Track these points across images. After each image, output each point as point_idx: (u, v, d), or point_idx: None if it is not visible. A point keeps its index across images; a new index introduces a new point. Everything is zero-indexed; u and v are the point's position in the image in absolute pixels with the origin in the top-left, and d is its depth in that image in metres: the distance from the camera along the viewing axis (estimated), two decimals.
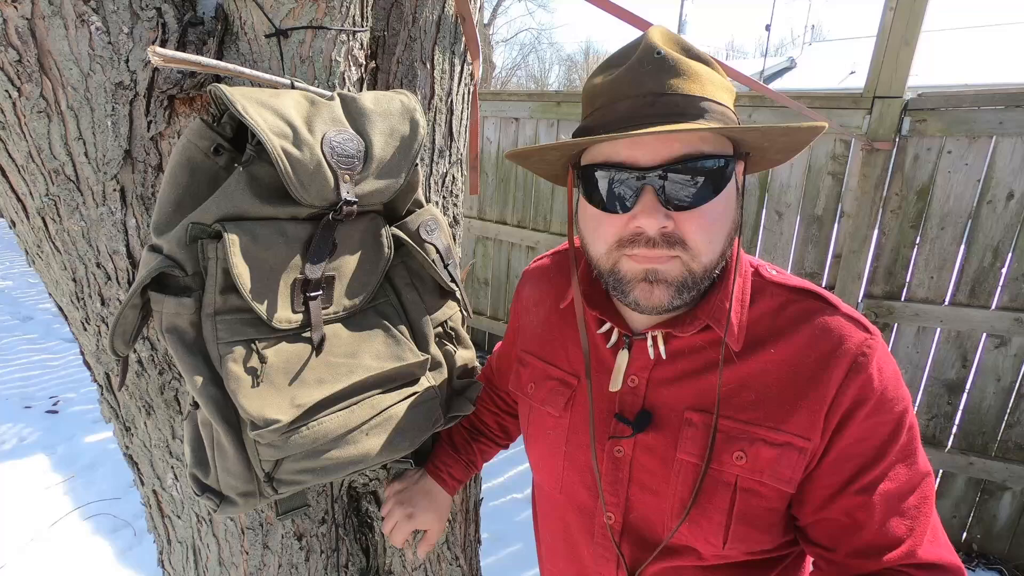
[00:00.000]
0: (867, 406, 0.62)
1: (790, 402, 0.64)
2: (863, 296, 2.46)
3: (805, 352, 0.65)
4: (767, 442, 0.64)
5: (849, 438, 0.63)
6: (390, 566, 1.11)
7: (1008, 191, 2.14)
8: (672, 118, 0.59)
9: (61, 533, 2.39)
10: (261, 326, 0.67)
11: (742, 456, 0.65)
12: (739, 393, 0.67)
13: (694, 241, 0.62)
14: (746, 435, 0.65)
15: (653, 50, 0.61)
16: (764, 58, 17.89)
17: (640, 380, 0.72)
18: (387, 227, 0.79)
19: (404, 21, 0.88)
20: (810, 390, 0.64)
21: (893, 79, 2.22)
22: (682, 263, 0.63)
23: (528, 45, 35.47)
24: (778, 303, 0.68)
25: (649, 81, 0.61)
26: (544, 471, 0.83)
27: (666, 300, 0.64)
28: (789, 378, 0.65)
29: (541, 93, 3.39)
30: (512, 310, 0.96)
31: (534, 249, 3.63)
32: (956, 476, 2.42)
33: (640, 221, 0.61)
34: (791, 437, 0.64)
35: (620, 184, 0.62)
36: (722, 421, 0.67)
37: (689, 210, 0.61)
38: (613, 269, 0.66)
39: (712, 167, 0.60)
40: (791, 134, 0.62)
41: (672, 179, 0.60)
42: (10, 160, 0.72)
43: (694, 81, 0.61)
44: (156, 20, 0.68)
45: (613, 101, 0.63)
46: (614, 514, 0.74)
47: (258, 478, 0.69)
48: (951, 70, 12.83)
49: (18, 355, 3.99)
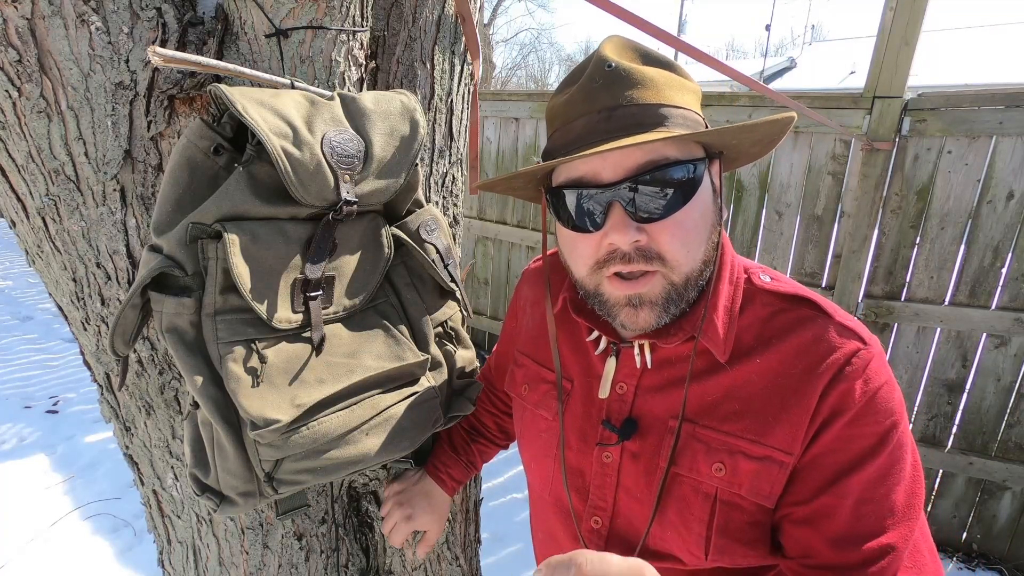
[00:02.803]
0: (846, 416, 0.59)
1: (773, 415, 0.62)
2: (863, 296, 2.46)
3: (792, 363, 0.62)
4: (747, 455, 0.63)
5: (822, 447, 0.60)
6: (390, 566, 1.11)
7: (1008, 191, 2.14)
8: (629, 130, 0.58)
9: (61, 533, 2.39)
10: (261, 326, 0.67)
11: (721, 468, 0.64)
12: (723, 403, 0.65)
13: (670, 252, 0.61)
14: (726, 447, 0.64)
15: (604, 63, 0.60)
16: (764, 58, 17.90)
17: (628, 387, 0.72)
18: (387, 227, 0.79)
19: (404, 21, 0.88)
20: (794, 402, 0.61)
21: (893, 79, 2.22)
22: (663, 278, 0.62)
23: (528, 45, 35.52)
24: (768, 312, 0.66)
25: (602, 96, 0.60)
26: (535, 473, 0.83)
27: (652, 320, 0.64)
28: (774, 389, 0.63)
29: (541, 93, 3.40)
30: (510, 309, 0.95)
31: (534, 249, 3.63)
32: (956, 476, 2.42)
33: (612, 238, 0.60)
34: (772, 451, 0.62)
35: (588, 201, 0.61)
36: (703, 431, 0.65)
37: (661, 220, 0.60)
38: (596, 292, 0.66)
39: (680, 174, 0.59)
40: (756, 129, 0.60)
41: (639, 191, 0.59)
42: (10, 160, 0.72)
43: (649, 88, 0.59)
44: (156, 20, 0.68)
45: (568, 121, 0.63)
46: (601, 518, 0.74)
47: (258, 478, 0.69)
48: (951, 70, 12.83)
49: (18, 355, 3.99)
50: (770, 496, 0.62)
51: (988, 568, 2.38)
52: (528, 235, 3.62)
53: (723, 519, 0.64)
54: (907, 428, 0.61)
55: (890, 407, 0.59)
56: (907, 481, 0.59)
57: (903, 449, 0.60)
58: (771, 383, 0.63)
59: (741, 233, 2.75)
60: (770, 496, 0.62)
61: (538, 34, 37.94)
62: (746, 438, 0.63)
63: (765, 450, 0.62)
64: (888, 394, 0.60)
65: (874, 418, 0.59)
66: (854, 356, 0.60)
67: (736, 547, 0.64)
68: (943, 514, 2.48)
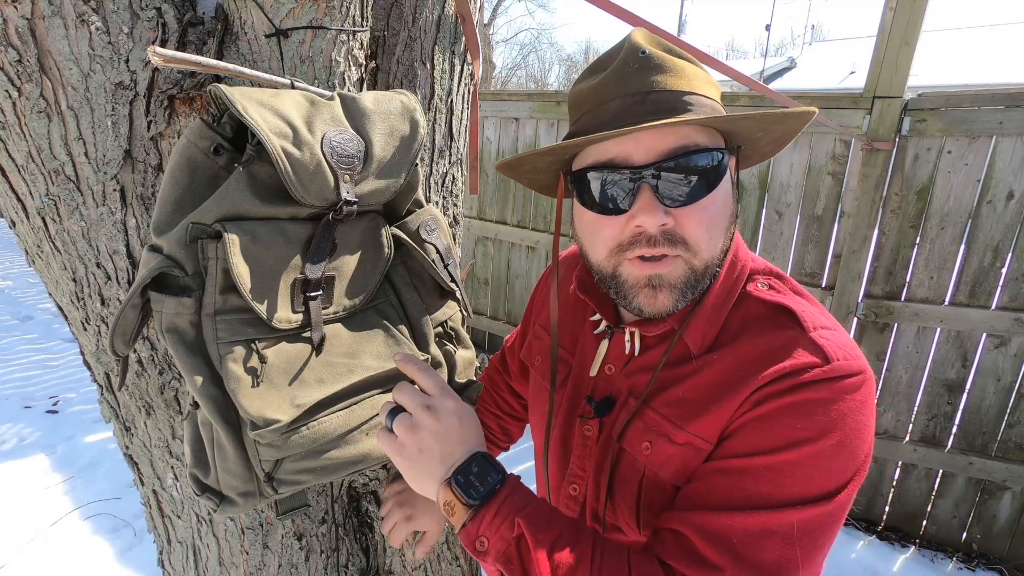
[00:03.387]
0: (767, 405, 0.58)
1: (706, 404, 0.63)
2: (863, 296, 2.46)
3: (748, 364, 0.62)
4: (669, 439, 0.65)
5: (727, 432, 0.61)
6: (390, 566, 1.11)
7: (1008, 191, 2.14)
8: (662, 114, 0.59)
9: (61, 533, 2.39)
10: (261, 326, 0.67)
11: (648, 447, 0.67)
12: (671, 388, 0.67)
13: (695, 238, 0.62)
14: (657, 428, 0.67)
15: (638, 50, 0.62)
16: (764, 58, 17.90)
17: (615, 369, 0.75)
18: (387, 227, 0.79)
19: (404, 21, 0.88)
20: (728, 396, 0.61)
21: (893, 79, 2.22)
22: (684, 262, 0.63)
23: (528, 45, 35.53)
24: (750, 318, 0.67)
25: (636, 80, 0.61)
26: (535, 439, 0.89)
27: (670, 304, 0.64)
28: (718, 383, 0.63)
29: (541, 93, 3.40)
30: (538, 284, 1.00)
31: (534, 249, 3.63)
32: (956, 476, 2.42)
33: (640, 220, 0.61)
34: (692, 438, 0.64)
35: (615, 185, 0.62)
36: (647, 411, 0.68)
37: (688, 206, 0.61)
38: (614, 274, 0.66)
39: (707, 161, 0.60)
40: (784, 120, 0.62)
41: (668, 176, 0.60)
42: (10, 160, 0.72)
43: (680, 77, 0.61)
44: (156, 20, 0.68)
45: (601, 103, 0.63)
46: (579, 486, 0.78)
47: (258, 478, 0.69)
48: (951, 70, 12.83)
49: (18, 355, 3.99)
50: (686, 480, 0.64)
51: (988, 568, 2.38)
52: (528, 235, 3.62)
53: (648, 496, 0.68)
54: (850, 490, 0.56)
55: (822, 424, 0.55)
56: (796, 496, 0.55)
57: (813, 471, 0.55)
58: (718, 377, 0.64)
59: (741, 233, 2.75)
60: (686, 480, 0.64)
61: (538, 34, 38.01)
62: (675, 423, 0.66)
63: (688, 436, 0.64)
64: (828, 414, 0.56)
65: (792, 421, 0.56)
66: (805, 370, 0.58)
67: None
68: (943, 514, 2.48)
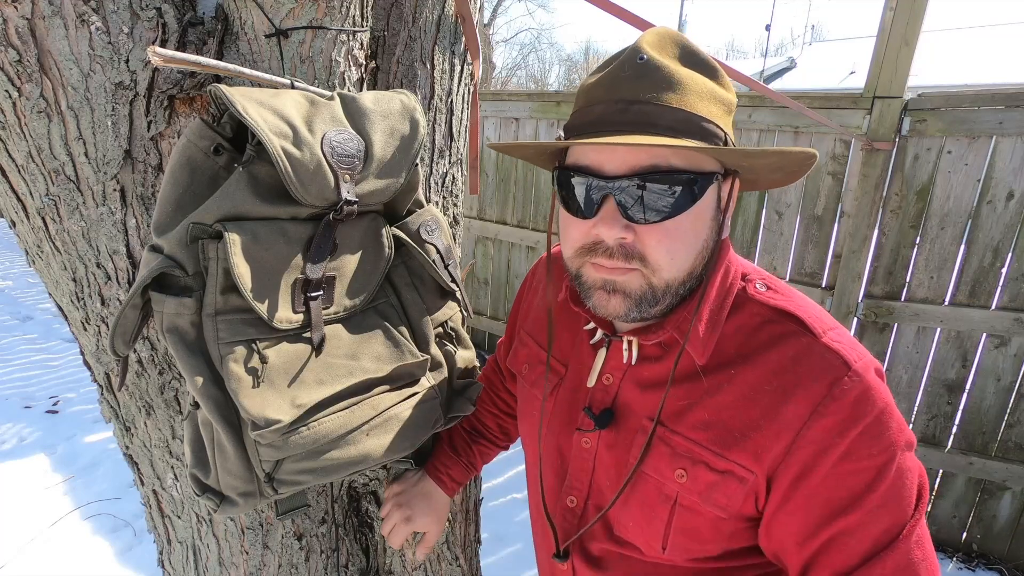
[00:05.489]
0: (834, 453, 0.57)
1: (740, 430, 0.61)
2: (863, 296, 2.46)
3: (768, 379, 0.61)
4: (709, 466, 0.63)
5: (815, 484, 0.58)
6: (390, 566, 1.11)
7: (1008, 191, 2.14)
8: (641, 128, 0.58)
9: (61, 533, 2.39)
10: (262, 326, 0.67)
11: (683, 475, 0.64)
12: (694, 411, 0.65)
13: (654, 257, 0.60)
14: (691, 455, 0.64)
15: (637, 54, 0.60)
16: (764, 58, 17.89)
17: (614, 379, 0.73)
18: (387, 227, 0.79)
19: (404, 21, 0.88)
20: (765, 422, 0.60)
21: (893, 79, 2.21)
22: (642, 276, 0.62)
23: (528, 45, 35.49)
24: (755, 322, 0.65)
25: (625, 87, 0.59)
26: (527, 449, 0.88)
27: (623, 310, 0.63)
28: (745, 404, 0.62)
29: (541, 93, 3.40)
30: (523, 284, 0.96)
31: (534, 249, 3.63)
32: (956, 476, 2.42)
33: (598, 230, 0.60)
34: (733, 465, 0.61)
35: (587, 190, 0.61)
36: (673, 437, 0.66)
37: (651, 224, 0.59)
38: (578, 273, 0.66)
39: (679, 184, 0.58)
40: (761, 156, 0.59)
41: (634, 192, 0.58)
42: (10, 160, 0.72)
43: (674, 91, 0.58)
44: (156, 20, 0.68)
45: (589, 104, 0.62)
46: (576, 498, 0.77)
47: (258, 478, 0.69)
48: (951, 70, 12.83)
49: (18, 355, 3.98)
50: (726, 508, 0.63)
51: (988, 568, 2.38)
52: (528, 235, 3.62)
53: (681, 521, 0.66)
54: (909, 456, 0.58)
55: (886, 438, 0.57)
56: (909, 507, 0.57)
57: (904, 476, 0.57)
58: (743, 397, 0.62)
59: (741, 233, 2.75)
60: (726, 508, 0.63)
61: (538, 34, 37.94)
62: (711, 449, 0.63)
63: (727, 464, 0.62)
64: (881, 423, 0.57)
65: (869, 451, 0.57)
66: (835, 387, 0.58)
67: (692, 544, 0.67)
68: (943, 514, 2.48)
